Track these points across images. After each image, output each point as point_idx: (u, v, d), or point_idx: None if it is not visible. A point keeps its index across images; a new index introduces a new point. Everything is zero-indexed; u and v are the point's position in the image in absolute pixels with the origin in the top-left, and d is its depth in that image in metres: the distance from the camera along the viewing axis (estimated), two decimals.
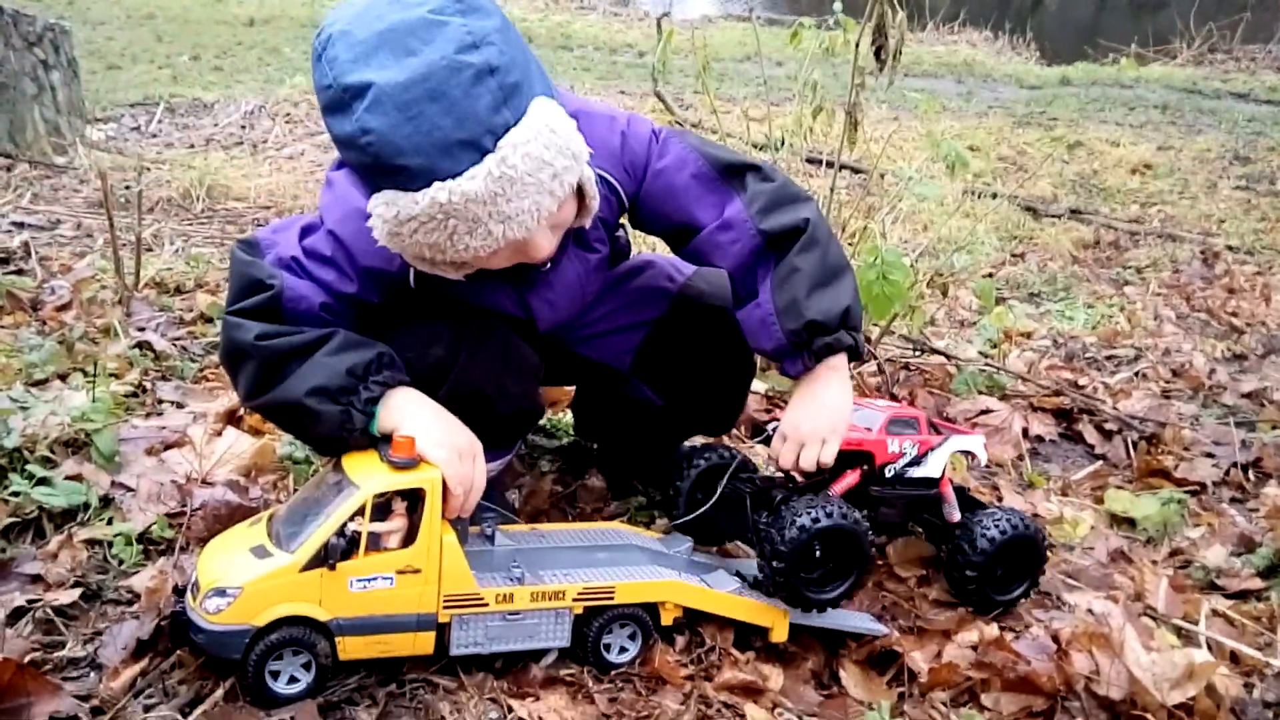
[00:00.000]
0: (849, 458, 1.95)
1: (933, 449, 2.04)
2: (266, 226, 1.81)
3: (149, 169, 5.32)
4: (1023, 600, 2.07)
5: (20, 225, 4.14)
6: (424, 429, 1.65)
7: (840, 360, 1.83)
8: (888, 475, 2.01)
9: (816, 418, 1.82)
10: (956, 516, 2.09)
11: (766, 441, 1.96)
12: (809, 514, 1.77)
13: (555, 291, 1.88)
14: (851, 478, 1.97)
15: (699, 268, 2.08)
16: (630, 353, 2.14)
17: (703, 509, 1.98)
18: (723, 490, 1.98)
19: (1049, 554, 2.10)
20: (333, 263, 1.71)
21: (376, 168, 1.45)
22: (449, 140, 1.42)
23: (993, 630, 1.93)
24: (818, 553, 1.80)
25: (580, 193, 1.65)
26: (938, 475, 2.06)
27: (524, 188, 1.48)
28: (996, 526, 2.00)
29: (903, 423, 2.04)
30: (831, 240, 1.86)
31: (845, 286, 1.82)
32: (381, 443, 1.67)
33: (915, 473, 2.03)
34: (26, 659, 1.54)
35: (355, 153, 1.46)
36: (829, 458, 1.81)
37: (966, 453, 2.13)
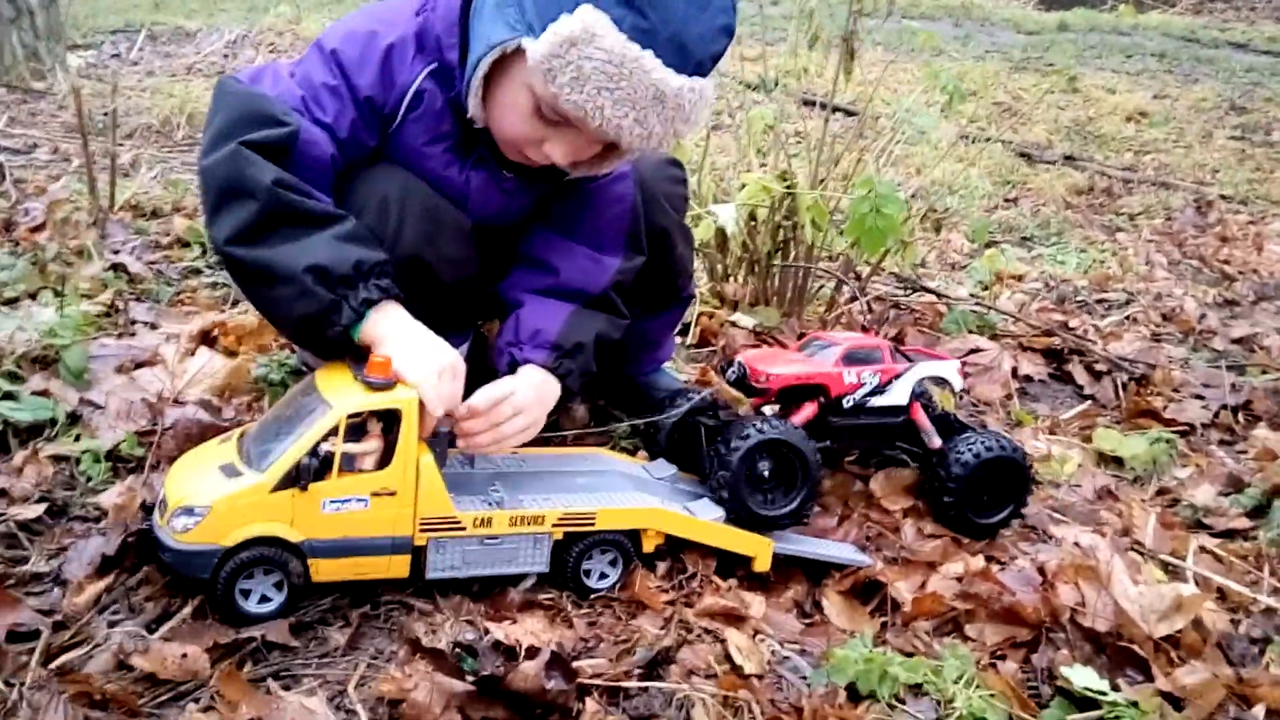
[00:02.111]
0: (805, 391, 2.00)
1: (896, 377, 2.05)
2: (243, 72, 1.74)
3: (126, 95, 5.20)
4: (1009, 527, 2.07)
5: None
6: (408, 346, 1.61)
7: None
8: (846, 406, 2.03)
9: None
10: (937, 443, 2.07)
11: (734, 380, 2.03)
12: (752, 428, 1.83)
13: (499, 195, 1.89)
14: (808, 410, 2.00)
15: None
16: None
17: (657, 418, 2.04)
18: (686, 421, 2.02)
19: (1034, 485, 2.08)
20: (334, 92, 1.68)
21: None
22: (696, 44, 1.55)
23: (978, 562, 1.90)
24: (765, 472, 1.84)
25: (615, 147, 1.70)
26: (904, 403, 2.07)
27: (673, 114, 1.58)
28: (972, 449, 2.00)
29: (862, 354, 2.05)
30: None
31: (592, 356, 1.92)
32: (354, 361, 1.62)
33: (878, 401, 2.05)
34: None
35: None
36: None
37: (940, 380, 2.11)
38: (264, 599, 1.54)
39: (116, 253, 2.90)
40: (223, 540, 1.49)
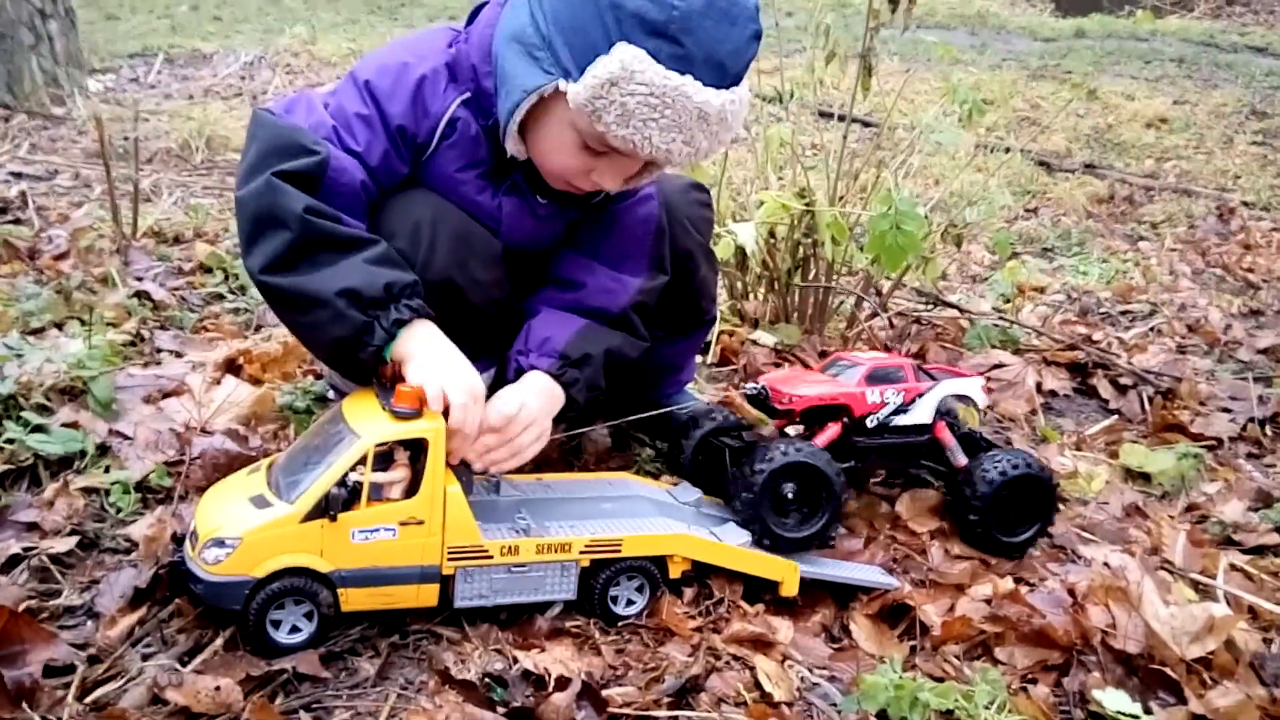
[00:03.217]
0: (829, 412, 2.00)
1: (920, 396, 2.05)
2: (277, 100, 1.77)
3: (146, 118, 5.25)
4: (1036, 546, 2.06)
5: (18, 175, 4.10)
6: (436, 365, 1.62)
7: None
8: (870, 425, 2.02)
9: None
10: (963, 461, 2.07)
11: (753, 399, 2.03)
12: (776, 451, 1.84)
13: (532, 221, 1.90)
14: (832, 430, 2.00)
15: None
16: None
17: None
18: (710, 443, 2.04)
19: (1061, 504, 2.07)
20: (367, 121, 1.70)
21: (653, 26, 1.52)
22: (731, 58, 1.58)
23: (1007, 584, 1.89)
24: (789, 494, 1.85)
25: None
26: (928, 421, 2.07)
27: (716, 130, 1.61)
28: (997, 467, 1.99)
29: (885, 373, 2.05)
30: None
31: (601, 374, 1.94)
32: (381, 390, 1.63)
33: (901, 420, 2.05)
34: (22, 607, 1.51)
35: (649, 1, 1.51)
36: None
37: (964, 397, 2.11)
38: (294, 629, 1.54)
39: (140, 280, 2.92)
40: (253, 571, 1.49)
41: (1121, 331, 3.68)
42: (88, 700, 1.40)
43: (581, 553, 1.69)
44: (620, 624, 1.72)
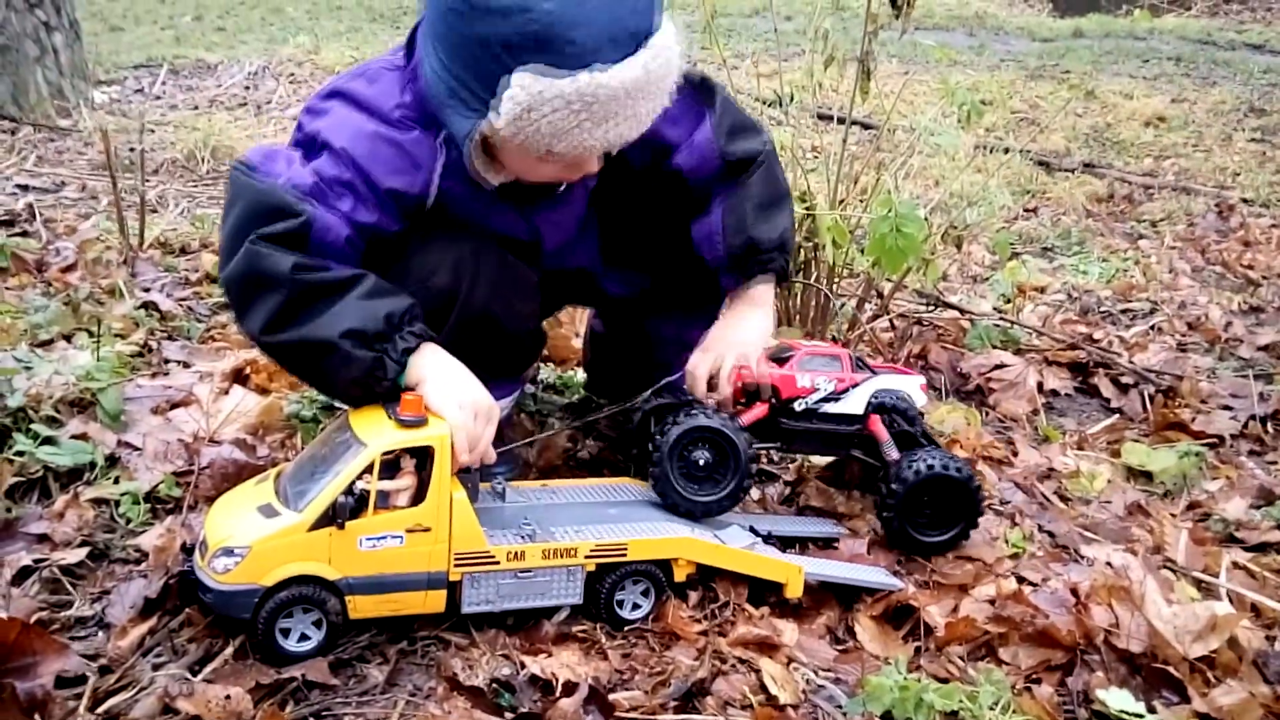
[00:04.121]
0: (757, 392, 2.01)
1: (854, 386, 2.06)
2: (253, 151, 1.73)
3: (152, 130, 5.27)
4: (955, 549, 2.03)
5: (25, 188, 4.12)
6: (448, 386, 1.63)
7: (767, 290, 2.03)
8: (798, 409, 2.04)
9: (737, 333, 1.99)
10: (895, 455, 2.03)
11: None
12: (686, 416, 1.87)
13: (560, 213, 1.93)
14: (759, 409, 2.01)
15: None
16: (594, 245, 2.14)
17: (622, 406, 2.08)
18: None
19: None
20: (350, 187, 1.68)
21: (532, 42, 1.46)
22: (621, 26, 1.49)
23: (1010, 584, 1.90)
24: (700, 460, 1.87)
25: None
26: (859, 412, 2.08)
27: (655, 90, 1.57)
28: (914, 466, 1.96)
29: (820, 360, 2.07)
30: (779, 168, 2.06)
31: (785, 213, 2.01)
32: (388, 400, 1.65)
33: (831, 409, 2.06)
34: (33, 618, 1.53)
35: (510, 22, 1.46)
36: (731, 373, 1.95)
37: (898, 395, 2.11)
38: (303, 637, 1.56)
39: (147, 290, 2.95)
40: (262, 580, 1.51)
41: (1122, 330, 3.69)
42: (99, 711, 1.42)
43: (587, 557, 1.70)
44: (626, 628, 1.73)
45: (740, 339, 1.99)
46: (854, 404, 2.07)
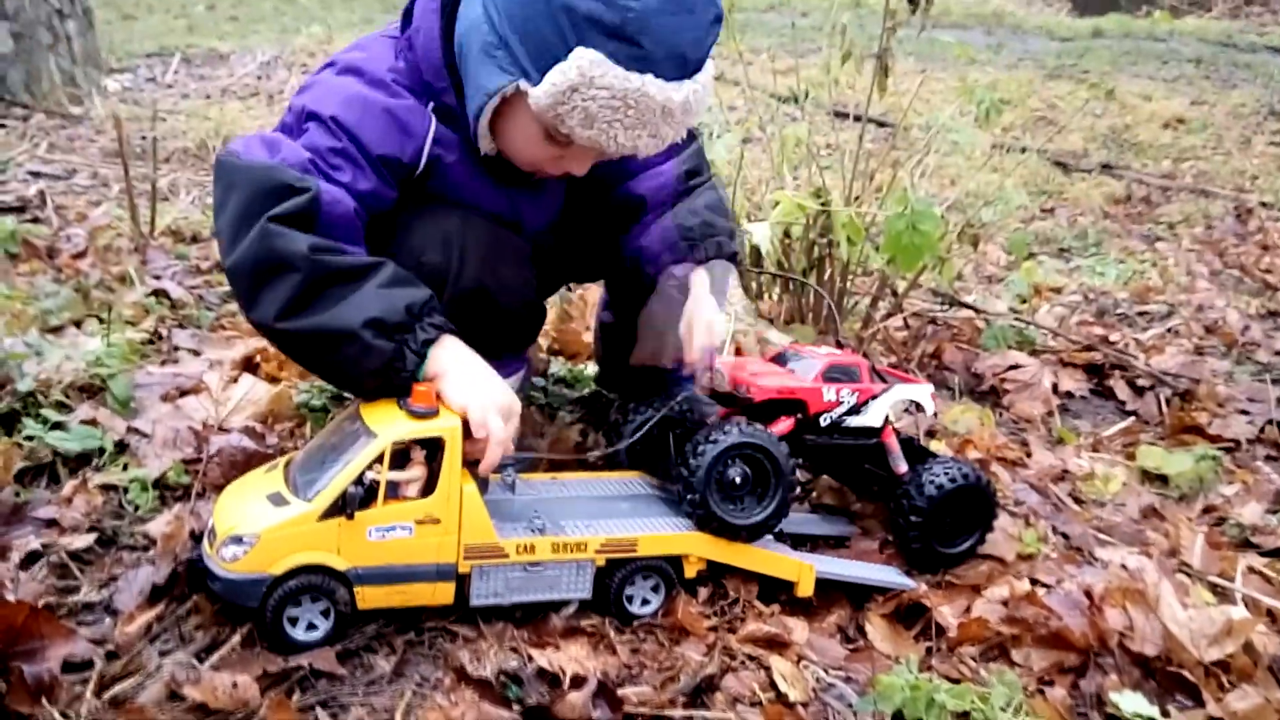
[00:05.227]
0: (782, 406, 1.92)
1: (874, 398, 1.98)
2: (237, 140, 1.69)
3: (164, 119, 5.27)
4: (974, 555, 1.99)
5: (37, 174, 4.12)
6: (470, 384, 1.61)
7: (724, 278, 2.00)
8: (823, 424, 1.96)
9: (704, 311, 1.93)
10: (903, 468, 2.00)
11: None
12: (720, 433, 1.77)
13: (541, 199, 1.94)
14: (784, 424, 1.92)
15: None
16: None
17: (621, 445, 1.98)
18: (656, 431, 1.97)
19: (997, 509, 2.01)
20: (345, 155, 1.66)
21: (609, 29, 1.50)
22: (684, 50, 1.56)
23: (1024, 585, 1.88)
24: (736, 478, 1.77)
25: None
26: (879, 425, 2.00)
27: (683, 119, 1.63)
28: (939, 477, 1.92)
29: (841, 370, 1.98)
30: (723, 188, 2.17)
31: (728, 220, 2.05)
32: (403, 392, 1.64)
33: (854, 421, 1.97)
34: (41, 603, 1.51)
35: (598, 2, 1.49)
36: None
37: (913, 402, 2.05)
38: (311, 627, 1.55)
39: (158, 278, 2.94)
40: (271, 569, 1.50)
41: (1138, 333, 3.66)
42: (106, 696, 1.41)
43: (597, 552, 1.69)
44: (635, 623, 1.72)
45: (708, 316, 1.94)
46: (874, 416, 1.98)
